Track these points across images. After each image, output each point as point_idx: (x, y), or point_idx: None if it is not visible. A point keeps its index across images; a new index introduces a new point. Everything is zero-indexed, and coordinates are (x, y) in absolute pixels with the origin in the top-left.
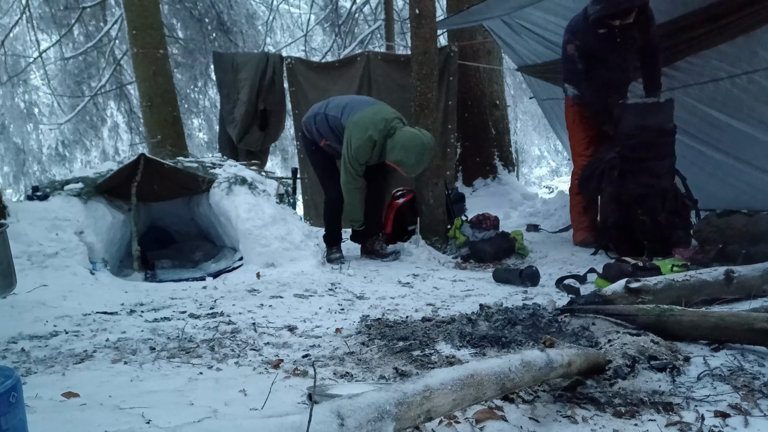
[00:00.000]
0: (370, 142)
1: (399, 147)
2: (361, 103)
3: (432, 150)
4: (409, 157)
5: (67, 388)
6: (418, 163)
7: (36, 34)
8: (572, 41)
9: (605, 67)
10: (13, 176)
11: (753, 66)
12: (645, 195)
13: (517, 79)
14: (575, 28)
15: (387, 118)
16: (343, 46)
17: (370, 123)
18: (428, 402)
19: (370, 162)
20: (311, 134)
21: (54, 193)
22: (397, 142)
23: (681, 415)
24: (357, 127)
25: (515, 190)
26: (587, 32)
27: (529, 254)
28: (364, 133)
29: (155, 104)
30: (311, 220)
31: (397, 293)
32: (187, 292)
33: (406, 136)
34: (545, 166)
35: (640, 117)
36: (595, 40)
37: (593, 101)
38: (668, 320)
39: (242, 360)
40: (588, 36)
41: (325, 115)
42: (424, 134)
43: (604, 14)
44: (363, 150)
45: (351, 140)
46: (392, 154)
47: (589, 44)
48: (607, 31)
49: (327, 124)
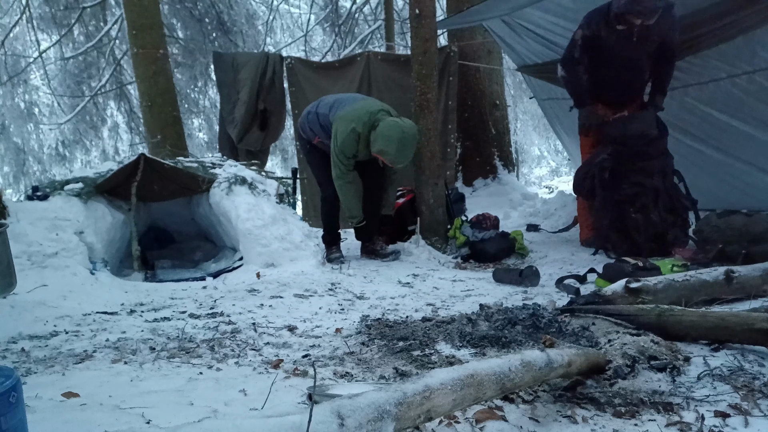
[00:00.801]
0: (353, 135)
1: (380, 137)
2: (349, 99)
3: (413, 138)
4: (390, 145)
5: (67, 388)
6: (400, 151)
7: (36, 34)
8: (583, 28)
9: (615, 63)
10: (13, 176)
11: (753, 66)
12: (636, 194)
13: (517, 79)
14: (592, 18)
15: (371, 111)
16: (343, 46)
17: (355, 116)
18: (428, 402)
19: (360, 156)
20: (305, 133)
21: (54, 193)
22: (378, 133)
23: (681, 415)
24: (342, 121)
25: (515, 190)
26: (604, 25)
27: (529, 254)
28: (347, 126)
29: (155, 104)
30: (311, 220)
31: (397, 293)
32: (187, 292)
33: (387, 125)
34: (545, 166)
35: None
36: (610, 34)
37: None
38: (668, 320)
39: (242, 360)
40: (603, 29)
41: (317, 113)
42: (405, 122)
43: (629, 10)
44: (348, 143)
45: (337, 134)
46: (375, 145)
47: (601, 37)
48: (625, 29)
49: (318, 122)
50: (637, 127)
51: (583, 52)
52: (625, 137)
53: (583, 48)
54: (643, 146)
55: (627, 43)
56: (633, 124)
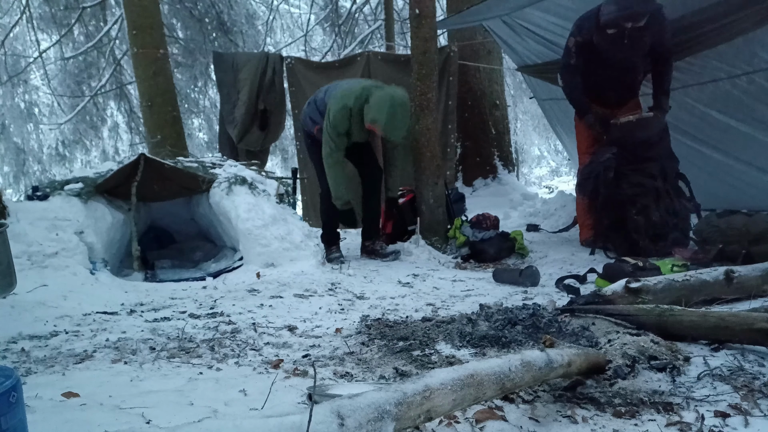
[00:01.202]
0: (345, 110)
1: (371, 107)
2: (345, 82)
3: (404, 105)
4: (381, 113)
5: (67, 388)
6: (391, 118)
7: (36, 34)
8: (575, 35)
9: (609, 66)
10: (13, 176)
11: (753, 66)
12: (637, 194)
13: (517, 79)
14: (583, 25)
15: (365, 86)
16: (343, 46)
17: (348, 92)
18: (428, 402)
19: (355, 136)
20: (306, 126)
21: (54, 193)
22: (370, 105)
23: (681, 415)
24: (335, 99)
25: (515, 190)
26: (595, 31)
27: (529, 254)
28: (340, 103)
29: (155, 104)
30: (311, 220)
31: (397, 293)
32: (187, 292)
33: (378, 95)
34: (545, 166)
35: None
36: (602, 39)
37: (574, 97)
38: (668, 320)
39: (242, 360)
40: (594, 34)
41: (314, 100)
42: (395, 90)
43: (618, 16)
44: (340, 118)
45: (330, 112)
46: (367, 116)
47: (593, 42)
48: (616, 32)
49: (317, 109)
50: (642, 133)
51: (578, 57)
52: (628, 141)
53: (578, 53)
54: (643, 151)
55: (619, 45)
56: (639, 130)
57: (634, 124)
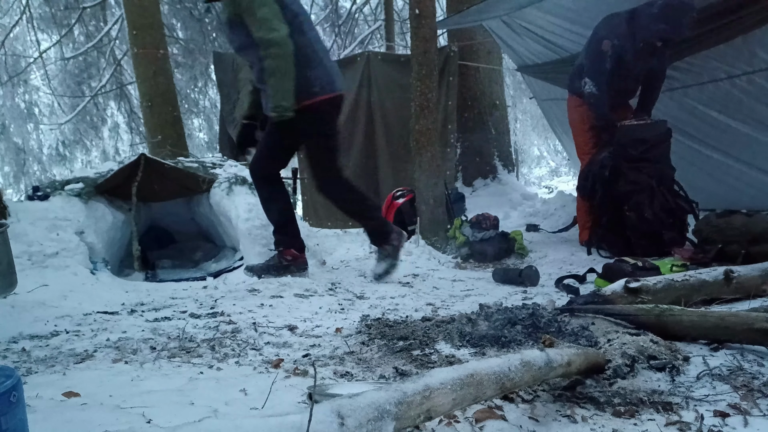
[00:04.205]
0: None
1: None
2: None
3: None
4: None
5: (68, 388)
6: None
7: (36, 34)
8: (611, 39)
9: (625, 74)
10: (14, 176)
11: (752, 67)
12: (631, 191)
13: (517, 79)
14: (617, 29)
15: None
16: (343, 46)
17: None
18: (428, 401)
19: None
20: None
21: (54, 193)
22: None
23: (680, 415)
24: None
25: (515, 190)
26: (629, 38)
27: (528, 254)
28: None
29: (155, 104)
30: (311, 220)
31: (397, 293)
32: (187, 292)
33: None
34: (545, 166)
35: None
36: (631, 48)
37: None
38: (668, 320)
39: (243, 359)
40: (627, 42)
41: None
42: None
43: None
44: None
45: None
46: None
47: (625, 50)
48: (644, 46)
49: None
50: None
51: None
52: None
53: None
54: (642, 151)
55: (645, 59)
56: (638, 133)
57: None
